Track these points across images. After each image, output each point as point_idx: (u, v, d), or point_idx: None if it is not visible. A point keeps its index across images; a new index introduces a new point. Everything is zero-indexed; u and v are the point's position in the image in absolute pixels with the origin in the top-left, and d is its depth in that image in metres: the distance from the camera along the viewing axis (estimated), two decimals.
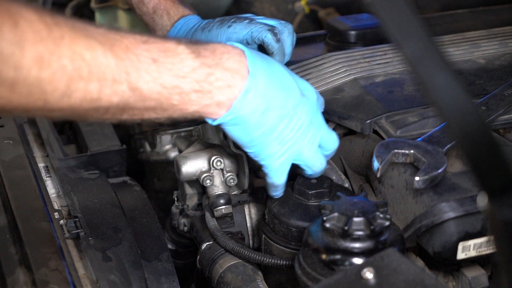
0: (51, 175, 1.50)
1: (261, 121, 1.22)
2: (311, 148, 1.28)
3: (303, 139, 1.27)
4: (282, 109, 1.24)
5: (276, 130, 1.24)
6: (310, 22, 2.32)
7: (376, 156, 1.23)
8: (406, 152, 1.23)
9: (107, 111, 1.09)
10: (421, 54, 0.85)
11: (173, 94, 1.13)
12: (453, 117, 0.86)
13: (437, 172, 1.20)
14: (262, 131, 1.23)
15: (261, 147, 1.25)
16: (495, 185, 0.87)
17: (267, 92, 1.22)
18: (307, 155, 1.28)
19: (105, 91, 1.05)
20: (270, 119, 1.23)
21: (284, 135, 1.25)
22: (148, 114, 1.15)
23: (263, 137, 1.24)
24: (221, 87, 1.17)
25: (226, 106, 1.18)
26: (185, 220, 1.58)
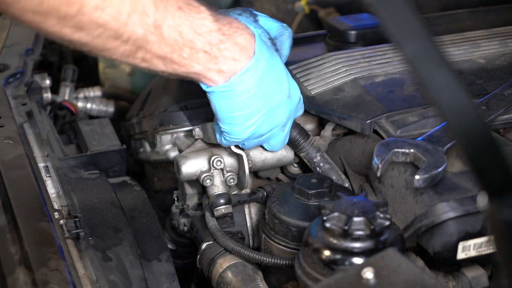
0: (51, 175, 1.50)
1: (247, 103, 1.29)
2: (274, 145, 1.41)
3: (273, 137, 1.38)
4: (268, 101, 1.31)
5: (254, 117, 1.31)
6: (310, 22, 2.32)
7: (376, 156, 1.23)
8: (406, 151, 1.23)
9: (126, 41, 1.15)
10: (421, 54, 0.85)
11: (186, 47, 1.21)
12: (453, 117, 0.86)
13: (437, 171, 1.20)
14: (244, 113, 1.30)
15: (235, 127, 1.32)
16: (495, 185, 0.87)
17: (263, 79, 1.29)
18: (268, 147, 1.43)
19: (133, 19, 1.13)
20: (254, 105, 1.30)
21: (259, 125, 1.32)
22: (157, 63, 1.22)
23: (241, 119, 1.31)
24: (227, 57, 1.25)
25: (225, 77, 1.26)
26: (185, 220, 1.58)
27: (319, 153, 1.44)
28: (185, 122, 1.56)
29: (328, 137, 1.48)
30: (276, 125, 1.36)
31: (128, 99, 2.16)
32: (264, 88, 1.30)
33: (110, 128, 1.72)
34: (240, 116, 1.31)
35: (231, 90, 1.27)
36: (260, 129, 1.34)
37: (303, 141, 1.44)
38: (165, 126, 1.58)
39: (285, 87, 1.34)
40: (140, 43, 1.18)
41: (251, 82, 1.28)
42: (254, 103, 1.30)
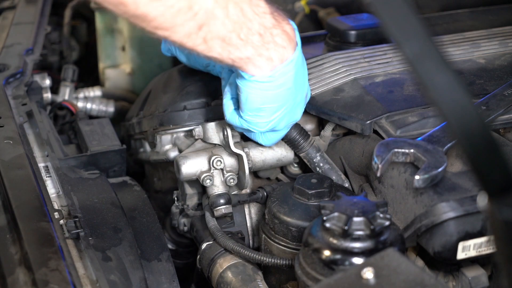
0: (51, 175, 1.50)
1: (281, 96, 1.28)
2: (269, 140, 1.40)
3: (284, 130, 1.38)
4: (295, 97, 1.30)
5: (280, 111, 1.30)
6: (310, 22, 2.32)
7: (376, 156, 1.23)
8: (406, 152, 1.23)
9: (195, 15, 1.15)
10: (421, 54, 0.85)
11: (244, 27, 1.19)
12: (453, 117, 0.86)
13: (437, 171, 1.20)
14: (273, 106, 1.28)
15: (259, 119, 1.31)
16: (495, 185, 0.87)
17: (299, 73, 1.28)
18: (262, 141, 1.41)
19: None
20: (285, 99, 1.29)
21: (279, 119, 1.32)
22: (215, 45, 1.19)
23: (268, 112, 1.29)
24: (278, 43, 1.23)
25: (273, 65, 1.24)
26: (185, 220, 1.58)
27: (319, 153, 1.44)
28: (185, 122, 1.56)
29: (328, 137, 1.49)
30: (292, 122, 1.36)
31: (128, 99, 2.16)
32: (297, 83, 1.29)
33: (110, 128, 1.72)
34: (268, 108, 1.29)
35: (273, 81, 1.25)
36: (279, 124, 1.33)
37: (303, 141, 1.44)
38: (165, 126, 1.58)
39: (307, 85, 1.36)
40: (206, 19, 1.16)
41: (291, 75, 1.26)
42: (285, 97, 1.28)
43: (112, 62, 2.28)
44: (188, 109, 1.56)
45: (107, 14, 2.23)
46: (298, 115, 1.36)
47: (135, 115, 1.74)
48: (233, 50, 1.21)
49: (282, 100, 1.28)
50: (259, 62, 1.23)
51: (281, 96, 1.28)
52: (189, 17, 1.15)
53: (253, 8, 1.20)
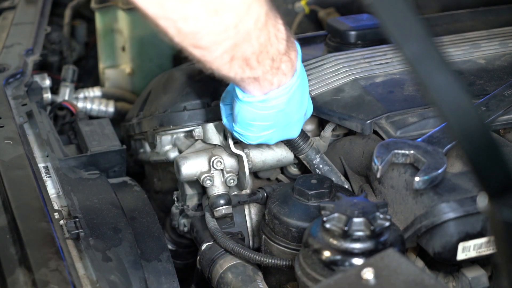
0: (51, 175, 1.50)
1: (271, 117, 1.29)
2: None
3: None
4: (290, 118, 1.31)
5: (271, 129, 1.31)
6: (310, 22, 2.32)
7: (376, 157, 1.23)
8: (406, 153, 1.23)
9: (235, 35, 1.12)
10: (421, 54, 0.85)
11: (263, 51, 1.17)
12: (453, 117, 0.86)
13: (437, 172, 1.20)
14: (263, 124, 1.30)
15: (248, 133, 1.32)
16: (495, 185, 0.87)
17: (294, 97, 1.27)
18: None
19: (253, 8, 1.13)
20: (276, 119, 1.29)
21: (271, 135, 1.33)
22: (234, 65, 1.17)
23: (258, 128, 1.31)
24: (282, 69, 1.23)
25: (270, 89, 1.24)
26: (185, 220, 1.58)
27: (318, 155, 1.44)
28: (185, 123, 1.56)
29: (328, 137, 1.48)
30: (286, 138, 1.38)
31: (128, 100, 2.16)
32: (291, 106, 1.29)
33: (110, 128, 1.72)
34: (258, 125, 1.30)
35: (265, 103, 1.26)
36: (269, 140, 1.35)
37: (302, 143, 1.43)
38: (165, 127, 1.58)
39: (305, 106, 1.34)
40: (243, 39, 1.14)
41: (283, 99, 1.26)
42: (277, 118, 1.29)
43: (112, 62, 2.28)
44: (188, 109, 1.56)
45: (107, 14, 2.23)
46: (294, 133, 1.37)
47: (135, 115, 1.74)
48: (248, 71, 1.19)
49: (273, 120, 1.29)
50: (262, 84, 1.23)
51: (272, 116, 1.29)
52: (231, 36, 1.13)
53: (276, 32, 1.19)
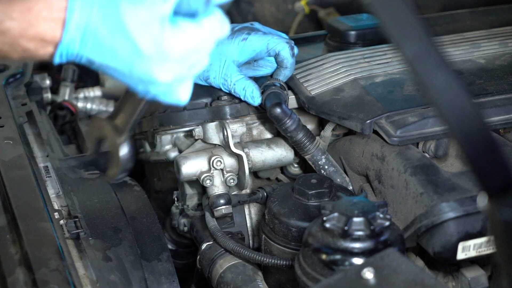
0: (51, 175, 1.50)
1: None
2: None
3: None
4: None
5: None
6: (310, 22, 2.32)
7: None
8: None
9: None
10: (420, 54, 0.85)
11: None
12: (453, 117, 0.86)
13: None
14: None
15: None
16: (495, 185, 0.87)
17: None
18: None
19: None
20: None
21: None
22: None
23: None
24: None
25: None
26: (185, 220, 1.58)
27: (324, 156, 1.44)
28: (185, 122, 1.56)
29: (328, 137, 1.48)
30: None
31: None
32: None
33: None
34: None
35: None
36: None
37: (309, 143, 1.43)
38: (165, 127, 1.58)
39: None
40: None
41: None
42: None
43: None
44: (188, 109, 1.55)
45: None
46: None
47: None
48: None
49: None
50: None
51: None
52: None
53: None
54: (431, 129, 1.33)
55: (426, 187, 1.22)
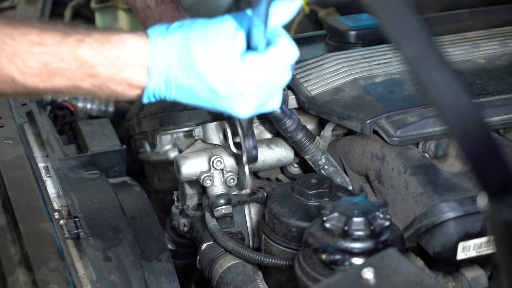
0: (51, 175, 1.50)
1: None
2: None
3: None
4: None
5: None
6: (310, 22, 2.32)
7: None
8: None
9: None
10: (420, 54, 0.85)
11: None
12: (453, 117, 0.86)
13: None
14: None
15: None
16: (495, 185, 0.87)
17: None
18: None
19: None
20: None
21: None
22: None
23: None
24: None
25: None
26: (185, 220, 1.58)
27: (324, 156, 1.44)
28: (185, 123, 1.56)
29: (328, 137, 1.48)
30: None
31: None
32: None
33: (110, 128, 1.72)
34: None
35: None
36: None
37: (308, 143, 1.43)
38: (165, 127, 1.58)
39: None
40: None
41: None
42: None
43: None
44: (188, 109, 1.56)
45: (107, 14, 2.23)
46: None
47: (135, 115, 1.74)
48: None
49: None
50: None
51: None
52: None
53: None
54: (431, 129, 1.33)
55: (426, 187, 1.22)
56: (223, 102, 1.06)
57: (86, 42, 1.02)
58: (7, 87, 1.03)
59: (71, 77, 1.03)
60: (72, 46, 1.02)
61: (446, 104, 0.85)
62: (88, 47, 1.02)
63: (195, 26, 1.06)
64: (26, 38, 1.01)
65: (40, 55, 1.01)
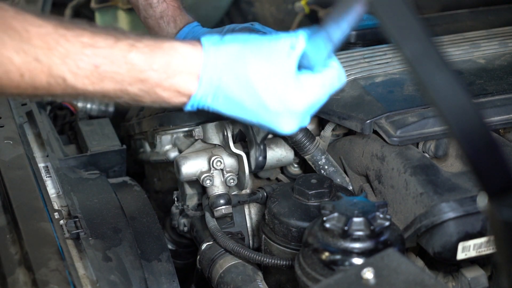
0: (51, 175, 1.50)
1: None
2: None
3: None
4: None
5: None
6: (310, 22, 2.32)
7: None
8: None
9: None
10: (420, 54, 0.85)
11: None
12: (453, 117, 0.86)
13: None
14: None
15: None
16: (495, 185, 0.87)
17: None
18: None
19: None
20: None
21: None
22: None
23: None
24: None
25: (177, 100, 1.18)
26: (185, 220, 1.58)
27: (324, 156, 1.44)
28: (185, 123, 1.56)
29: (328, 137, 1.48)
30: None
31: None
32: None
33: (110, 128, 1.72)
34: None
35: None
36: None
37: (308, 143, 1.43)
38: (165, 127, 1.58)
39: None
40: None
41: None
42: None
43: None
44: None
45: (108, 14, 2.23)
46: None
47: (135, 115, 1.74)
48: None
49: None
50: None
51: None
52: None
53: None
54: (431, 129, 1.33)
55: (426, 187, 1.22)
56: (270, 117, 1.10)
57: (137, 47, 1.04)
58: (57, 88, 1.04)
59: (120, 80, 1.05)
60: (123, 50, 1.04)
61: (446, 104, 0.85)
62: (139, 52, 1.04)
63: (251, 40, 1.09)
64: (78, 39, 1.02)
65: (92, 56, 1.02)
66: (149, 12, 1.53)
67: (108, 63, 1.03)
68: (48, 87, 1.03)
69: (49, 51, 1.01)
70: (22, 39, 1.00)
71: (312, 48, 1.07)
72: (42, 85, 1.03)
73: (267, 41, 1.08)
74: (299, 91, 1.08)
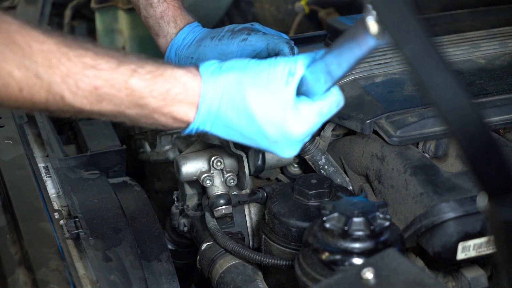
0: (51, 175, 1.50)
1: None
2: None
3: None
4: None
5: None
6: (310, 22, 2.32)
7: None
8: None
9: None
10: (420, 54, 0.85)
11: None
12: (453, 117, 0.86)
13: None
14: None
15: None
16: (495, 185, 0.87)
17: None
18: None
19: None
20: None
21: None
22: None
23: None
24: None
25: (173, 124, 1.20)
26: (185, 220, 1.58)
27: (324, 156, 1.44)
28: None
29: (328, 137, 1.48)
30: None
31: None
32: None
33: (110, 128, 1.71)
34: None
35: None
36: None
37: (308, 143, 1.43)
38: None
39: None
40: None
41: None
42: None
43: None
44: None
45: (108, 14, 2.23)
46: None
47: None
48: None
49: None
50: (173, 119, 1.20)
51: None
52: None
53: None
54: (431, 129, 1.33)
55: (426, 187, 1.22)
56: (269, 144, 1.12)
57: (139, 73, 1.06)
58: (53, 105, 1.05)
59: (118, 103, 1.06)
60: (125, 74, 1.05)
61: (446, 104, 0.85)
62: (141, 79, 1.06)
63: (248, 67, 1.10)
64: (81, 60, 1.03)
65: (92, 78, 1.03)
66: (149, 12, 1.53)
67: (108, 86, 1.04)
68: (45, 103, 1.04)
69: (50, 69, 1.01)
70: (25, 54, 1.00)
71: (311, 75, 1.07)
72: (40, 101, 1.04)
73: (265, 68, 1.09)
74: (298, 120, 1.09)
